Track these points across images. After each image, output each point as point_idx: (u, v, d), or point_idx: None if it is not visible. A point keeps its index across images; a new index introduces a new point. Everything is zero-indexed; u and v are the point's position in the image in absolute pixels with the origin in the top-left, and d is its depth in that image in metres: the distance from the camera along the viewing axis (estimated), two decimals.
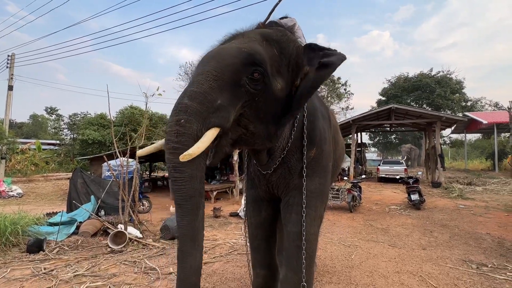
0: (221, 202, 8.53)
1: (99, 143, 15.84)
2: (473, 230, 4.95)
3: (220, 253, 3.77)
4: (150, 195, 9.04)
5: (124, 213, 4.43)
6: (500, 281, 2.87)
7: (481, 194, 9.18)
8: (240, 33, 1.52)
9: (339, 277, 2.96)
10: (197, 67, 1.33)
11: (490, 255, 3.67)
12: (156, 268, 3.13)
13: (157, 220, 5.84)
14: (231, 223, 5.82)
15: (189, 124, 1.10)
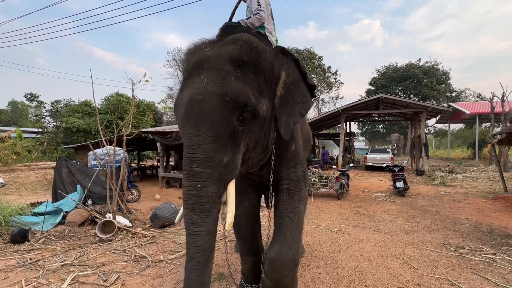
0: None
1: (84, 131, 15.35)
2: (453, 216, 5.21)
3: None
4: (139, 184, 8.93)
5: (112, 202, 4.37)
6: (476, 262, 3.05)
7: (462, 182, 9.62)
8: (206, 59, 1.40)
9: (326, 261, 3.06)
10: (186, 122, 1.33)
11: (467, 239, 3.89)
12: (146, 256, 3.13)
13: (147, 209, 5.81)
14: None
15: (206, 188, 1.23)
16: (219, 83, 1.30)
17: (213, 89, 1.29)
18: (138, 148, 14.47)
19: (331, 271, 2.82)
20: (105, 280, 2.58)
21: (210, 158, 1.25)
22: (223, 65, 1.36)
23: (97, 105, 18.14)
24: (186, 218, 1.23)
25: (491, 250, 3.40)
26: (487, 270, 2.86)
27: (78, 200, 5.06)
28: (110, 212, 4.35)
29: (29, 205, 5.31)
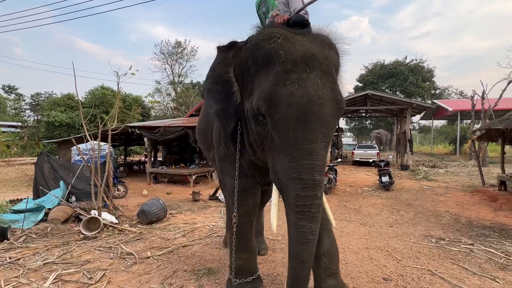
0: (200, 186, 8.50)
1: (67, 126, 14.79)
2: (435, 208, 5.42)
3: (199, 236, 3.79)
4: (126, 180, 8.74)
5: (98, 198, 4.25)
6: (455, 253, 3.20)
7: (443, 176, 10.00)
8: (312, 57, 1.30)
9: None
10: (301, 124, 1.22)
11: (447, 230, 4.06)
12: (133, 253, 3.08)
13: (134, 205, 5.71)
14: (210, 206, 5.84)
15: (321, 196, 1.31)
16: (331, 88, 1.28)
17: (329, 94, 1.26)
18: (124, 143, 14.12)
19: None
20: (90, 277, 2.53)
21: (324, 166, 1.28)
22: (330, 69, 1.36)
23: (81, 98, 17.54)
24: (304, 228, 1.23)
25: (469, 241, 3.57)
26: (465, 260, 3.00)
27: (61, 197, 4.90)
28: (95, 208, 4.24)
29: (8, 202, 5.09)
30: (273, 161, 1.36)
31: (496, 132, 7.14)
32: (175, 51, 26.52)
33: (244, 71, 1.51)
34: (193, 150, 11.11)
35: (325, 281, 1.99)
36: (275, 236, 3.75)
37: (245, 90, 1.54)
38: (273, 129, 1.29)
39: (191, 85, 26.67)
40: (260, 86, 1.34)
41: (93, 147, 4.51)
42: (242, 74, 1.53)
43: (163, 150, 14.22)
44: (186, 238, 3.72)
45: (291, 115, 1.22)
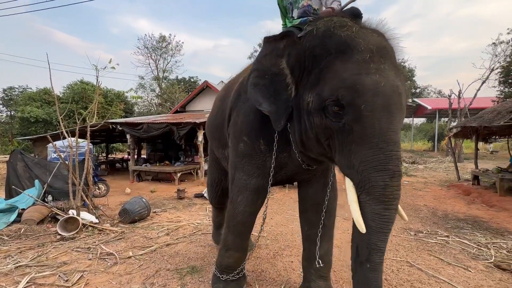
0: (185, 183, 8.37)
1: (44, 122, 14.08)
2: (414, 203, 5.64)
3: (183, 234, 3.73)
4: (108, 178, 8.46)
5: (76, 197, 4.08)
6: (432, 244, 3.34)
7: (422, 172, 10.43)
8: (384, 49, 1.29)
9: (298, 250, 3.15)
10: (386, 114, 1.19)
11: (425, 223, 4.24)
12: (113, 253, 2.98)
13: (116, 204, 5.53)
14: (195, 204, 5.77)
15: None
16: (401, 81, 1.27)
17: (402, 86, 1.25)
18: (106, 140, 13.63)
19: None
20: (67, 280, 2.42)
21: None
22: (396, 62, 1.35)
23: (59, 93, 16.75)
24: (388, 218, 1.21)
25: (445, 233, 3.74)
26: (441, 251, 3.14)
27: (36, 196, 4.65)
28: (74, 208, 4.07)
29: None
30: (349, 155, 1.26)
31: (470, 130, 7.52)
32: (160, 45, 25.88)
33: (307, 61, 1.38)
34: (178, 147, 10.92)
35: (315, 282, 2.06)
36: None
37: (305, 82, 1.40)
38: (357, 120, 1.20)
39: (177, 81, 26.12)
40: (337, 75, 1.25)
41: (70, 144, 4.31)
42: (302, 64, 1.40)
43: (147, 147, 13.87)
44: (170, 236, 3.65)
45: (377, 104, 1.18)
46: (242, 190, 1.86)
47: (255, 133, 1.75)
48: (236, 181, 1.90)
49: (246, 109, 1.80)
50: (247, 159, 1.82)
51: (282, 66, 1.46)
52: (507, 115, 5.59)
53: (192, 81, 26.96)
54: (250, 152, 1.80)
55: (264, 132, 1.71)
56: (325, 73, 1.29)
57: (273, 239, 3.52)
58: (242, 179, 1.86)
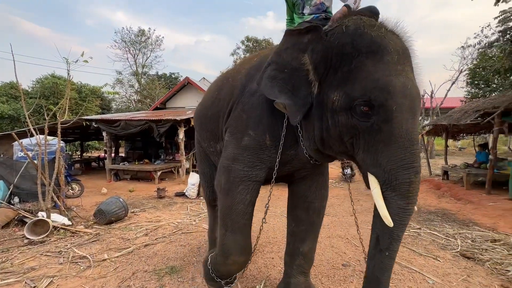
0: (166, 182, 8.17)
1: (10, 118, 13.12)
2: None
3: (163, 234, 3.64)
4: (83, 177, 8.05)
5: (46, 199, 3.84)
6: (405, 237, 3.51)
7: None
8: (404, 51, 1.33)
9: (279, 246, 3.18)
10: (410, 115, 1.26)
11: None
12: (86, 256, 2.84)
13: (91, 205, 5.28)
14: (176, 203, 5.65)
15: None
16: (417, 84, 1.32)
17: (418, 89, 1.33)
18: (81, 138, 12.96)
19: (283, 255, 2.93)
20: (34, 286, 2.27)
21: None
22: (411, 60, 1.37)
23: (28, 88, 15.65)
24: (409, 211, 1.27)
25: (417, 225, 3.95)
26: (413, 243, 3.31)
27: (1, 198, 4.33)
28: (43, 210, 3.83)
29: None
30: (376, 154, 1.28)
31: (441, 128, 7.98)
32: (138, 39, 24.94)
33: (334, 58, 1.34)
34: (159, 145, 10.63)
35: (295, 277, 2.07)
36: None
37: (330, 80, 1.37)
38: (387, 120, 1.23)
39: (157, 77, 25.33)
40: (369, 75, 1.25)
41: (38, 142, 4.04)
42: (328, 61, 1.36)
43: (125, 145, 13.38)
44: (149, 237, 3.55)
45: (405, 106, 1.23)
46: (244, 179, 1.74)
47: (262, 127, 1.68)
48: (233, 172, 1.75)
49: (254, 103, 1.72)
50: (250, 152, 1.73)
51: (304, 61, 1.42)
52: (473, 114, 5.99)
53: (173, 77, 26.27)
54: (254, 145, 1.72)
55: (271, 127, 1.66)
56: (356, 72, 1.28)
57: (254, 237, 3.50)
58: (243, 170, 1.74)
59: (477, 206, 5.08)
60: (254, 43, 22.93)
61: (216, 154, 2.22)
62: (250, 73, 1.83)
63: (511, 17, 5.61)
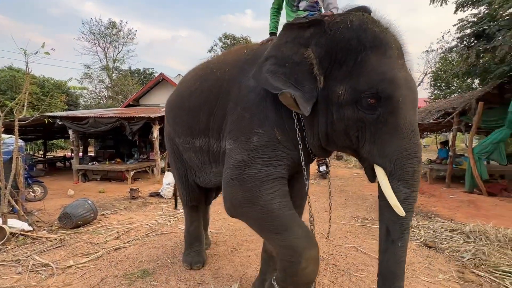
0: (139, 182, 7.85)
1: None
2: (361, 193, 6.18)
3: (135, 237, 3.49)
4: (46, 179, 7.47)
5: (2, 203, 3.50)
6: (375, 230, 3.70)
7: None
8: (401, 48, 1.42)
9: (255, 244, 3.20)
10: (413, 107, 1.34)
11: (370, 211, 4.68)
12: (49, 264, 2.64)
13: (55, 208, 4.92)
14: (151, 203, 5.45)
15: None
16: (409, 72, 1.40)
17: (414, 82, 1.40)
18: (44, 136, 12.00)
19: (259, 253, 2.94)
20: None
21: None
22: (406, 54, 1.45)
23: None
24: (414, 198, 1.32)
25: None
26: None
27: None
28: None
29: None
30: (383, 145, 1.32)
31: None
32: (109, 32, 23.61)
33: (339, 53, 1.35)
34: (132, 143, 10.17)
35: (271, 274, 2.06)
36: (218, 229, 3.73)
37: (335, 74, 1.37)
38: (392, 112, 1.28)
39: (129, 72, 24.19)
40: (375, 69, 1.28)
41: None
42: (333, 56, 1.36)
43: (95, 144, 12.65)
44: (120, 240, 3.38)
45: (409, 98, 1.29)
46: (264, 180, 1.53)
47: (269, 123, 1.57)
48: (249, 180, 1.53)
49: (254, 99, 1.62)
50: (263, 151, 1.56)
51: (306, 55, 1.39)
52: (436, 114, 6.47)
53: (147, 73, 25.27)
54: (266, 142, 1.56)
55: (278, 122, 1.57)
56: (361, 66, 1.30)
57: (231, 235, 3.52)
58: (260, 172, 1.53)
59: (439, 199, 5.50)
60: (232, 40, 22.74)
61: (193, 151, 2.10)
62: (244, 68, 1.74)
63: (467, 25, 6.12)
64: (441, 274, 2.54)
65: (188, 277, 2.42)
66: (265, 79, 1.45)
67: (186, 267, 2.56)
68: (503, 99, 6.28)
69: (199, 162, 2.13)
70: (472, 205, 4.99)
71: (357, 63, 1.32)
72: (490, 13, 5.59)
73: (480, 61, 6.76)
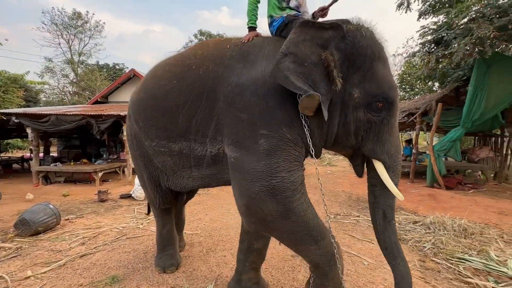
0: (109, 184, 7.42)
1: None
2: (334, 189, 6.43)
3: (104, 242, 3.30)
4: (0, 182, 6.77)
5: None
6: (346, 224, 3.87)
7: (342, 161, 11.99)
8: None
9: (231, 244, 3.18)
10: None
11: (342, 207, 4.88)
12: (3, 276, 2.40)
13: (12, 214, 4.48)
14: (121, 206, 5.17)
15: None
16: None
17: None
18: None
19: (235, 252, 2.92)
20: None
21: None
22: None
23: None
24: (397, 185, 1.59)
25: (357, 214, 4.39)
26: (353, 229, 3.67)
27: None
28: None
29: None
30: (384, 142, 1.53)
31: None
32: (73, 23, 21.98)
33: (357, 59, 1.46)
34: (101, 143, 9.60)
35: (247, 273, 2.09)
36: (193, 230, 3.65)
37: (352, 78, 1.48)
38: (392, 114, 1.53)
39: (97, 67, 22.74)
40: (384, 77, 1.49)
41: None
42: (352, 60, 1.47)
43: (58, 144, 11.74)
44: (86, 246, 3.17)
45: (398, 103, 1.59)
46: (294, 190, 1.47)
47: (276, 121, 1.48)
48: (279, 191, 1.44)
49: (251, 99, 1.53)
50: (280, 155, 1.46)
51: (324, 57, 1.43)
52: (400, 114, 6.91)
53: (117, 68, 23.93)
54: (278, 144, 1.47)
55: (286, 120, 1.50)
56: (372, 73, 1.47)
57: (207, 236, 3.46)
58: (286, 178, 1.45)
59: (403, 193, 5.84)
60: (207, 37, 22.35)
61: (168, 155, 1.95)
62: (231, 65, 1.66)
63: (428, 32, 6.60)
64: None
65: (161, 281, 2.34)
66: (286, 77, 1.40)
67: (159, 271, 2.47)
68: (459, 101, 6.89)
69: (175, 166, 1.99)
70: (433, 198, 5.42)
71: (370, 70, 1.47)
72: (448, 21, 6.08)
73: (439, 66, 7.34)
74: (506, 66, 5.57)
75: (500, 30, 4.96)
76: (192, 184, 2.01)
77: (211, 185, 2.00)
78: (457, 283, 2.39)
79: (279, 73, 1.42)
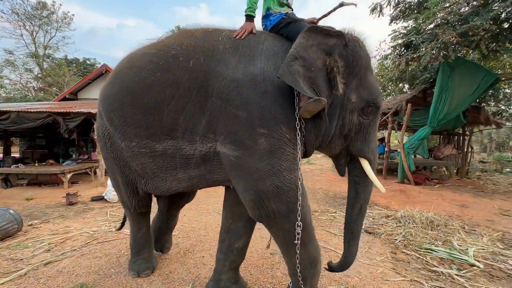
0: (79, 186, 6.99)
1: None
2: (313, 187, 6.57)
3: (72, 247, 3.08)
4: None
5: None
6: (324, 221, 3.97)
7: (320, 160, 12.32)
8: None
9: (210, 244, 3.13)
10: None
11: (320, 203, 5.00)
12: None
13: None
14: (92, 209, 4.89)
15: None
16: None
17: None
18: None
19: (214, 253, 2.88)
20: None
21: None
22: None
23: None
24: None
25: (334, 210, 4.52)
26: (330, 226, 3.77)
27: None
28: None
29: None
30: (370, 142, 1.70)
31: None
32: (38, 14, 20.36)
33: (355, 66, 1.58)
34: (69, 142, 8.99)
35: (226, 273, 2.06)
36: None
37: (350, 84, 1.59)
38: (377, 118, 1.72)
39: (65, 62, 21.29)
40: (373, 84, 1.64)
41: None
42: (351, 68, 1.58)
43: (20, 144, 10.84)
44: (52, 252, 2.95)
45: None
46: (296, 190, 1.53)
47: (275, 120, 1.48)
48: (284, 192, 1.51)
49: (249, 95, 1.50)
50: (280, 155, 1.49)
51: (328, 63, 1.51)
52: None
53: (88, 63, 22.58)
54: (278, 143, 1.49)
55: (284, 119, 1.51)
56: (366, 80, 1.62)
57: (185, 236, 3.38)
58: (287, 179, 1.51)
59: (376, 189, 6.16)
60: None
61: (150, 156, 1.78)
62: (225, 58, 1.59)
63: (399, 35, 6.97)
64: (378, 256, 2.85)
65: (134, 286, 2.24)
66: (296, 81, 1.43)
67: (133, 276, 2.36)
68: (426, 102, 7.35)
69: (157, 168, 1.83)
70: (403, 193, 5.74)
71: (364, 78, 1.61)
72: (416, 27, 6.45)
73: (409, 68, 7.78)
74: (467, 69, 6.04)
75: (462, 36, 5.36)
76: (177, 186, 1.86)
77: (198, 187, 1.88)
78: (425, 272, 2.55)
79: (289, 75, 1.44)
